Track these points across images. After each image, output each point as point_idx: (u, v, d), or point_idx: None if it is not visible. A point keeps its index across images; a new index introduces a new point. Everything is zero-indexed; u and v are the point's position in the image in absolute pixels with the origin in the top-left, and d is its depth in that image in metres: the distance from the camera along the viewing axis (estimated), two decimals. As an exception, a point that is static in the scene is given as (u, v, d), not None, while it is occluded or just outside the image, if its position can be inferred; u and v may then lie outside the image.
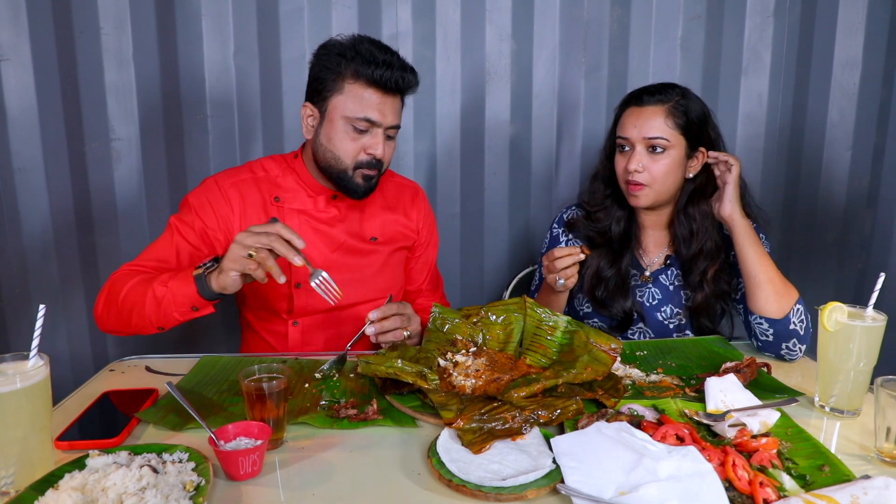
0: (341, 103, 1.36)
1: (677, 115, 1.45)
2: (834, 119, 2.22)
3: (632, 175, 1.46)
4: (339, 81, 1.36)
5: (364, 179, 1.41)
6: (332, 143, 1.38)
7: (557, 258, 1.38)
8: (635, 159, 1.45)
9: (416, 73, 1.39)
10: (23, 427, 0.83)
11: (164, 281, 1.25)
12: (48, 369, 0.87)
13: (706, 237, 1.51)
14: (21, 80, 1.98)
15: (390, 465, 0.92)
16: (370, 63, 1.33)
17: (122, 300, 1.29)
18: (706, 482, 0.78)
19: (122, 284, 1.31)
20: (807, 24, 2.16)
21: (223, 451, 0.86)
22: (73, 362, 2.16)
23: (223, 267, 1.17)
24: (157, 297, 1.25)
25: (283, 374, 0.99)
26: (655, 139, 1.44)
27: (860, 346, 1.05)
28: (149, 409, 1.08)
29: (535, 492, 0.82)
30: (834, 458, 0.90)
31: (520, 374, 1.16)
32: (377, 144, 1.37)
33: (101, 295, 1.35)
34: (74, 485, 0.78)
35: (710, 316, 1.53)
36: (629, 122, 1.47)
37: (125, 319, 1.30)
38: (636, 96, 1.49)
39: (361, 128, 1.36)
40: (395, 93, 1.38)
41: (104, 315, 1.35)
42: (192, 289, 1.22)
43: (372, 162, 1.39)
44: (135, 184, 2.09)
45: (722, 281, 1.51)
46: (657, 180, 1.46)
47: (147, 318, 1.27)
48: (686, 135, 1.46)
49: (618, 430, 0.89)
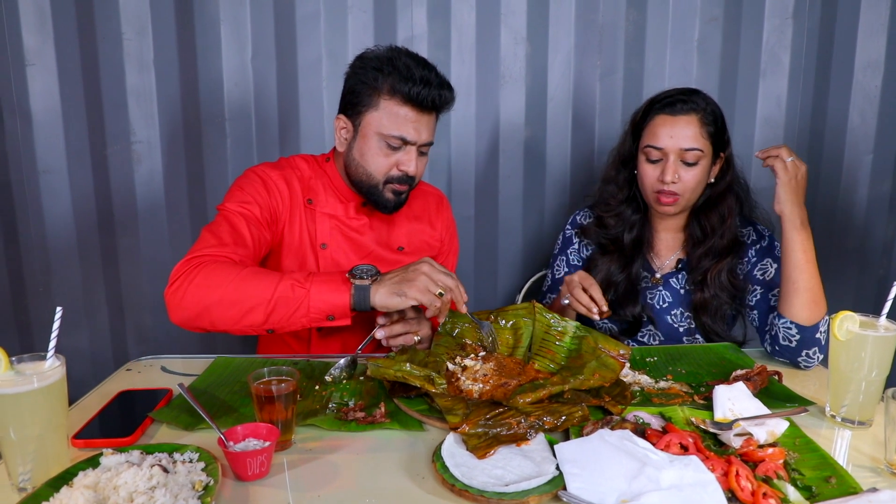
0: (376, 119, 1.34)
1: (708, 123, 1.44)
2: (855, 122, 2.19)
3: (667, 186, 1.44)
4: (374, 97, 1.34)
5: (394, 194, 1.41)
6: (364, 159, 1.38)
7: (576, 294, 1.36)
8: (671, 170, 1.43)
9: (452, 89, 1.37)
10: (39, 426, 0.86)
11: (300, 282, 1.16)
12: (64, 369, 0.90)
13: (716, 238, 1.50)
14: (46, 84, 2.04)
15: (396, 468, 0.93)
16: (407, 80, 1.30)
17: (227, 287, 1.16)
18: (708, 492, 0.78)
19: (222, 272, 1.18)
20: (827, 26, 2.13)
21: (232, 451, 0.88)
22: (94, 361, 2.21)
23: (405, 292, 1.14)
24: (284, 297, 1.15)
25: (292, 377, 1.00)
26: (692, 150, 1.42)
27: (872, 356, 1.04)
28: (162, 409, 1.10)
29: (536, 498, 0.82)
30: (841, 469, 0.89)
31: (528, 380, 1.17)
32: (410, 161, 1.36)
33: (186, 281, 1.19)
34: (87, 483, 0.80)
35: (714, 316, 1.51)
36: (662, 132, 1.44)
37: (225, 308, 1.17)
38: (668, 104, 1.45)
39: (395, 145, 1.35)
40: (431, 110, 1.36)
41: (192, 303, 1.18)
42: (345, 298, 1.16)
43: (403, 178, 1.39)
44: (155, 185, 2.13)
45: (727, 283, 1.50)
46: (689, 189, 1.45)
47: (255, 317, 1.17)
48: (713, 141, 1.45)
49: (620, 438, 0.89)
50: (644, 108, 1.51)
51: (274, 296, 1.15)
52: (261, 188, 1.42)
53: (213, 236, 1.29)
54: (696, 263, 1.53)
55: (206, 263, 1.21)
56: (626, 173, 1.58)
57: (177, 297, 1.19)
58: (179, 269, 1.21)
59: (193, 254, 1.24)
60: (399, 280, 1.16)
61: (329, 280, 1.18)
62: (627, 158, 1.56)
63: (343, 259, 1.48)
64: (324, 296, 1.16)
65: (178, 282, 1.20)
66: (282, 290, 1.16)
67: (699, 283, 1.51)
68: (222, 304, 1.17)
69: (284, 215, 1.45)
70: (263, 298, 1.16)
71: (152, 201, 2.14)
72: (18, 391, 0.83)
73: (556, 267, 1.69)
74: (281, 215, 1.44)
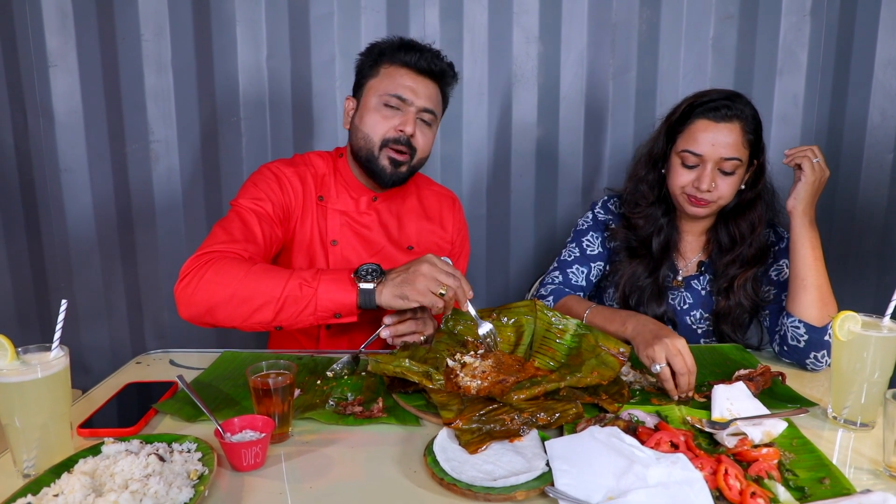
0: (376, 84, 1.42)
1: (749, 131, 1.40)
2: (875, 121, 2.14)
3: (702, 193, 1.41)
4: (375, 68, 1.43)
5: (391, 163, 1.41)
6: (363, 122, 1.42)
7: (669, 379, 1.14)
8: (707, 178, 1.39)
9: (452, 66, 1.45)
10: (43, 414, 0.89)
11: (308, 281, 1.17)
12: (68, 360, 0.92)
13: (745, 246, 1.48)
14: (68, 85, 2.10)
15: (389, 461, 0.94)
16: (406, 49, 1.41)
17: (236, 285, 1.17)
18: (694, 490, 0.78)
19: (232, 269, 1.19)
20: (846, 23, 2.09)
21: (227, 442, 0.90)
22: (114, 355, 2.27)
23: (407, 295, 1.14)
24: (292, 296, 1.16)
25: (289, 371, 1.02)
26: (731, 160, 1.38)
27: (874, 358, 1.02)
28: (167, 401, 1.13)
29: (524, 493, 0.83)
30: (837, 471, 0.88)
31: (526, 377, 1.17)
32: (407, 122, 1.39)
33: (196, 278, 1.20)
34: (86, 469, 0.83)
35: (734, 325, 1.50)
36: (704, 138, 1.39)
37: (234, 306, 1.18)
38: (711, 108, 1.39)
39: (393, 104, 1.40)
40: (429, 76, 1.42)
41: (202, 299, 1.19)
42: (352, 297, 1.16)
43: (400, 139, 1.40)
44: (172, 183, 2.18)
45: (751, 291, 1.48)
46: (724, 197, 1.43)
47: (264, 315, 1.18)
48: (751, 150, 1.43)
49: (609, 435, 0.89)
50: (683, 109, 1.44)
51: (283, 294, 1.16)
52: (274, 185, 1.44)
53: (225, 232, 1.30)
54: (722, 270, 1.50)
55: (216, 260, 1.21)
56: (656, 173, 1.53)
57: (186, 293, 1.20)
58: (189, 266, 1.22)
59: (203, 250, 1.25)
60: (401, 281, 1.16)
61: (336, 279, 1.18)
62: (659, 158, 1.51)
63: (353, 256, 1.50)
64: (331, 294, 1.17)
65: (188, 278, 1.20)
66: (290, 288, 1.16)
67: (724, 291, 1.49)
68: (232, 302, 1.18)
69: (297, 212, 1.47)
70: (272, 296, 1.16)
71: (170, 199, 2.19)
72: (23, 380, 0.86)
73: (585, 242, 1.61)
74: (293, 212, 1.46)
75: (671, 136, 1.47)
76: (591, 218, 1.64)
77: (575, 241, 1.63)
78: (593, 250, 1.61)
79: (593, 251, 1.61)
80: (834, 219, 2.23)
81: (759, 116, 1.44)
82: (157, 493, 0.78)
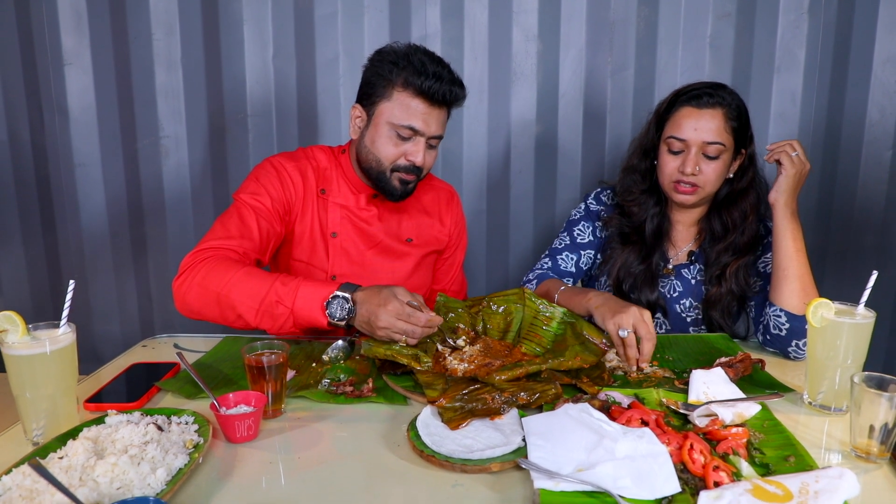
0: (388, 109, 1.41)
1: (733, 118, 1.45)
2: (874, 118, 2.16)
3: (686, 177, 1.46)
4: (388, 88, 1.40)
5: (401, 183, 1.46)
6: (374, 146, 1.44)
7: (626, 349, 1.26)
8: (691, 162, 1.44)
9: (463, 87, 1.43)
10: (51, 386, 0.95)
11: (282, 298, 1.21)
12: (74, 336, 0.98)
13: (737, 234, 1.52)
14: (82, 82, 2.17)
15: (375, 437, 0.99)
16: (420, 74, 1.36)
17: (221, 290, 1.24)
18: (658, 462, 0.82)
19: (219, 274, 1.25)
20: (844, 21, 2.10)
21: (222, 415, 0.95)
22: (124, 342, 2.33)
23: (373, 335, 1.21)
24: (269, 312, 1.22)
25: (283, 350, 1.07)
26: (714, 144, 1.43)
27: (847, 344, 1.05)
28: (169, 380, 1.19)
29: (498, 465, 0.87)
30: (802, 450, 0.91)
31: (513, 361, 1.21)
32: (418, 152, 1.42)
33: (190, 277, 1.27)
34: (89, 436, 0.88)
35: (724, 312, 1.54)
36: (687, 124, 1.45)
37: (220, 309, 1.26)
38: (694, 96, 1.46)
39: (405, 135, 1.41)
40: (442, 105, 1.42)
41: (193, 299, 1.27)
42: (324, 322, 1.21)
43: (410, 168, 1.44)
44: (181, 178, 2.25)
45: (742, 280, 1.51)
46: (709, 182, 1.47)
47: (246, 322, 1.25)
48: (736, 137, 1.47)
49: (580, 411, 0.93)
50: (670, 99, 1.52)
51: (260, 308, 1.23)
52: (275, 180, 1.49)
53: (222, 228, 1.38)
54: (714, 258, 1.54)
55: (210, 260, 1.28)
56: (648, 163, 1.59)
57: (181, 291, 1.28)
58: (187, 263, 1.30)
59: (201, 246, 1.33)
60: (367, 325, 1.20)
61: (310, 302, 1.21)
62: (649, 148, 1.57)
63: (352, 248, 1.55)
64: (305, 315, 1.22)
65: (184, 276, 1.29)
66: (267, 304, 1.22)
67: (716, 279, 1.53)
68: (218, 306, 1.25)
69: (297, 206, 1.51)
70: (251, 307, 1.23)
71: (179, 192, 2.26)
72: (33, 353, 0.92)
73: (576, 231, 1.67)
74: (294, 206, 1.51)
75: (660, 126, 1.53)
76: (583, 208, 1.69)
77: (566, 231, 1.68)
78: (584, 239, 1.66)
79: (584, 239, 1.66)
80: (833, 215, 2.24)
81: (746, 107, 1.49)
82: (154, 458, 0.84)
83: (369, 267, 1.54)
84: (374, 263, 1.56)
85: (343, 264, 1.53)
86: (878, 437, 0.91)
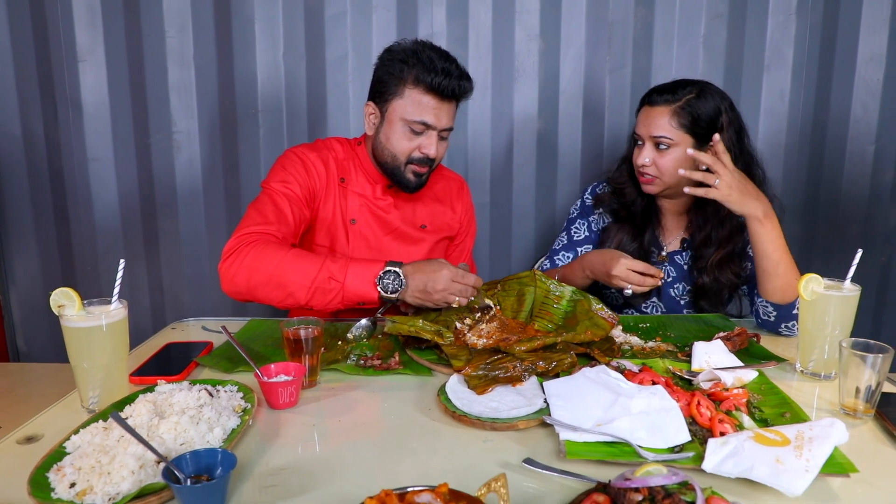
0: (401, 107, 1.47)
1: (683, 115, 1.54)
2: (858, 114, 2.27)
3: (643, 168, 1.59)
4: (400, 86, 1.47)
5: (415, 175, 1.54)
6: (389, 143, 1.51)
7: (635, 280, 1.48)
8: (643, 154, 1.58)
9: (471, 80, 1.49)
10: (106, 356, 1.02)
11: (334, 274, 1.27)
12: (126, 311, 1.06)
13: (715, 226, 1.60)
14: (96, 78, 2.23)
15: (407, 403, 1.08)
16: (430, 71, 1.43)
17: (273, 271, 1.29)
18: (670, 416, 0.91)
19: (268, 254, 1.30)
20: (830, 22, 2.21)
21: (266, 382, 1.03)
22: (137, 332, 2.34)
23: (427, 302, 1.30)
24: (321, 287, 1.28)
25: (318, 325, 1.15)
26: (660, 137, 1.55)
27: (835, 315, 1.15)
28: (205, 357, 1.26)
29: (525, 423, 0.96)
30: (797, 407, 1.01)
31: (527, 337, 1.30)
32: (431, 145, 1.50)
33: (238, 259, 1.31)
34: (149, 399, 0.96)
35: (713, 301, 1.63)
36: (641, 120, 1.60)
37: (270, 289, 1.30)
38: (648, 96, 1.60)
39: (418, 130, 1.48)
40: (452, 99, 1.49)
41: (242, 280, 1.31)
42: (374, 295, 1.28)
43: (424, 160, 1.52)
44: (193, 173, 2.31)
45: (728, 270, 1.60)
46: (664, 173, 1.57)
47: (296, 300, 1.30)
48: (692, 133, 1.55)
49: (598, 371, 1.02)
50: (641, 99, 1.65)
51: (312, 285, 1.28)
52: (300, 168, 1.55)
53: (259, 214, 1.42)
54: (698, 250, 1.64)
55: (256, 243, 1.32)
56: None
57: (229, 273, 1.32)
58: (231, 247, 1.33)
59: (242, 231, 1.36)
60: (422, 291, 1.28)
61: (361, 279, 1.28)
62: (632, 143, 1.69)
63: (370, 234, 1.63)
64: (356, 289, 1.28)
65: (231, 259, 1.32)
66: (319, 280, 1.28)
67: (702, 270, 1.62)
68: (268, 286, 1.30)
69: (321, 193, 1.58)
70: (303, 285, 1.28)
71: (191, 187, 2.32)
72: (90, 325, 1.00)
73: (573, 230, 1.78)
74: (318, 193, 1.58)
75: None
76: (579, 205, 1.81)
77: (565, 230, 1.80)
78: (580, 236, 1.77)
79: (580, 237, 1.77)
80: (819, 208, 2.35)
81: (711, 106, 1.53)
82: (210, 419, 0.91)
83: (386, 252, 1.62)
84: (390, 248, 1.63)
85: (362, 249, 1.61)
86: (863, 396, 1.01)
